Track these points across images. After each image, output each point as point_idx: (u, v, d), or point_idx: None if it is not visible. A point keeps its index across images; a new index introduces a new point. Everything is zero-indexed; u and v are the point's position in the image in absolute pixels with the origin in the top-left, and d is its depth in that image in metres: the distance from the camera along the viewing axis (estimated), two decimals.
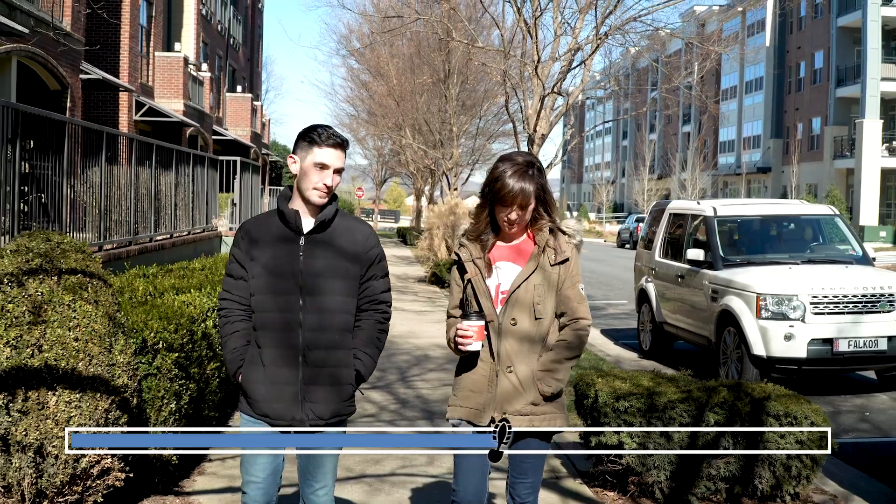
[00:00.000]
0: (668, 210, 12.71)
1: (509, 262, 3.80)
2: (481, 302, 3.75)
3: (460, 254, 3.86)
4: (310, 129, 3.70)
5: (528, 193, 3.68)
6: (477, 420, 3.73)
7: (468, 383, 3.79)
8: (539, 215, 3.79)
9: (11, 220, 7.39)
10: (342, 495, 5.52)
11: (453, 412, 3.82)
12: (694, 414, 5.56)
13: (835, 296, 9.69)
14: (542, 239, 3.78)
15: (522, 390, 3.71)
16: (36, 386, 4.34)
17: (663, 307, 12.17)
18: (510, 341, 3.73)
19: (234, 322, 3.76)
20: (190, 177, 14.44)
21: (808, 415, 5.70)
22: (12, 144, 7.43)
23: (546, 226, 3.79)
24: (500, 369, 3.72)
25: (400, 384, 9.21)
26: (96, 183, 9.49)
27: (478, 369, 3.77)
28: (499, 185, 3.70)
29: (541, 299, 3.73)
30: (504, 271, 3.79)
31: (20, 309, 4.41)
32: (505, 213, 3.72)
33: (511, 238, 3.84)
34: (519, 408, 3.71)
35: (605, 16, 11.91)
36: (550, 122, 12.83)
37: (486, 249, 3.81)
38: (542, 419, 3.72)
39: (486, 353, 3.75)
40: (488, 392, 3.73)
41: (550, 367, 3.74)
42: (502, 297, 3.75)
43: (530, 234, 3.84)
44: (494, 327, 3.73)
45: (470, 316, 3.68)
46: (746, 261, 10.72)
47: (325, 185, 3.63)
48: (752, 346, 9.68)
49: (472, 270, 3.79)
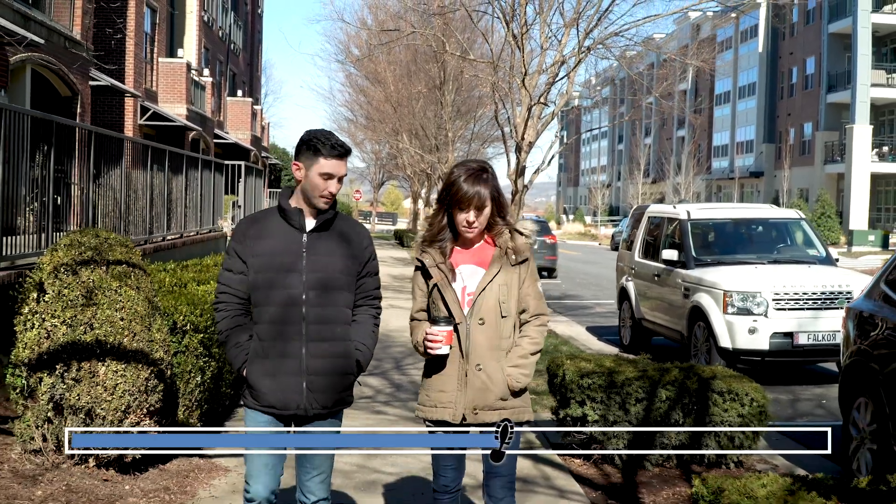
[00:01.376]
0: (646, 214, 13.57)
1: (471, 265, 3.99)
2: (449, 305, 3.93)
3: (423, 259, 4.01)
4: (313, 138, 3.83)
5: (483, 195, 3.87)
6: (451, 418, 3.91)
7: (438, 384, 3.95)
8: (494, 221, 3.98)
9: (48, 220, 8.23)
10: (337, 463, 6.35)
11: (426, 413, 4.00)
12: (648, 390, 6.40)
13: (795, 293, 10.53)
14: (503, 241, 3.97)
15: (492, 387, 3.89)
16: (88, 358, 5.19)
17: (642, 304, 13.01)
18: (478, 340, 3.89)
19: (234, 317, 3.89)
20: (198, 180, 15.31)
21: (749, 391, 6.54)
22: (48, 153, 8.28)
23: (504, 229, 3.99)
24: (469, 368, 3.89)
25: (395, 371, 10.06)
26: (116, 186, 10.35)
27: (447, 370, 3.93)
28: (455, 189, 3.91)
29: (505, 298, 3.93)
30: (467, 274, 3.98)
31: (75, 293, 5.28)
32: (463, 215, 3.91)
33: (469, 243, 4.02)
34: (489, 403, 3.89)
35: (588, 32, 12.76)
36: (537, 130, 13.67)
37: (446, 255, 3.98)
38: (512, 412, 3.90)
39: (454, 354, 3.91)
40: (459, 391, 3.90)
41: (518, 362, 3.94)
42: (469, 299, 3.94)
43: (488, 238, 4.03)
44: (463, 328, 3.90)
45: (439, 321, 3.85)
46: (717, 261, 11.56)
47: (330, 192, 3.84)
48: (720, 339, 10.52)
49: (437, 275, 3.95)
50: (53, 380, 5.22)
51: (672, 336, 12.01)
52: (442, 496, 4.06)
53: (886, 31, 51.00)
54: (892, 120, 52.64)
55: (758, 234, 12.47)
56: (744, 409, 6.48)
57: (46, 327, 5.25)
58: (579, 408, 6.44)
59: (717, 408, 6.44)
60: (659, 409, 6.41)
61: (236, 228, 4.03)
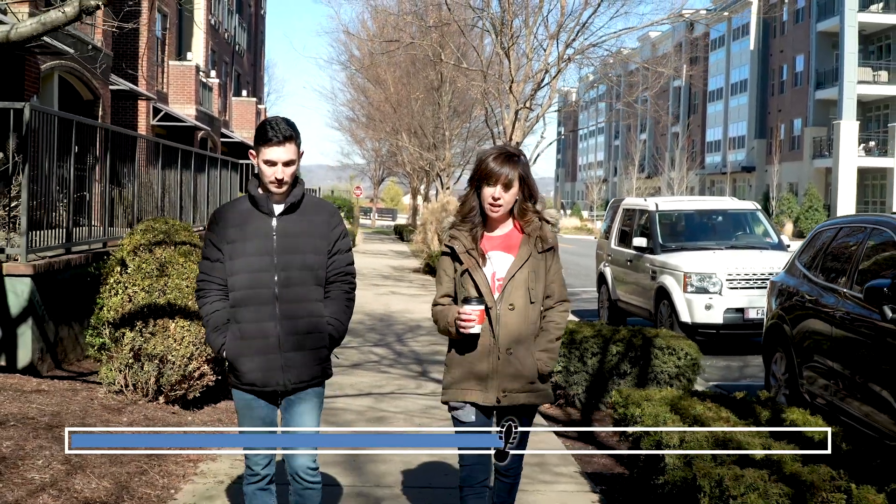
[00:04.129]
0: (621, 206, 15.11)
1: (500, 252, 4.02)
2: (480, 289, 3.95)
3: (453, 245, 4.03)
4: (260, 128, 3.95)
5: (510, 173, 3.94)
6: (482, 401, 3.95)
7: (468, 366, 3.98)
8: (526, 208, 4.04)
9: (105, 216, 9.81)
10: (352, 406, 7.88)
11: (455, 395, 4.00)
12: (601, 345, 7.92)
13: (747, 274, 12.06)
14: (532, 229, 4.01)
15: (523, 370, 3.94)
16: (161, 316, 6.73)
17: (617, 287, 14.54)
18: (509, 325, 3.93)
19: (213, 302, 4.02)
20: (217, 178, 16.85)
21: (684, 347, 8.04)
22: (101, 157, 9.83)
23: (535, 217, 4.03)
24: (500, 352, 3.93)
25: (397, 343, 11.60)
26: (154, 183, 11.89)
27: (479, 352, 3.95)
28: (483, 166, 3.99)
29: (534, 284, 3.98)
30: (497, 260, 4.01)
31: (150, 267, 6.84)
32: (490, 190, 3.96)
33: (496, 227, 4.06)
34: (519, 386, 3.95)
35: (568, 44, 14.27)
36: (524, 132, 15.18)
37: (477, 241, 4.02)
38: (538, 396, 4.03)
39: (485, 337, 3.94)
40: (491, 373, 3.94)
41: (547, 346, 4.02)
42: (498, 284, 3.97)
43: (517, 224, 4.06)
44: (494, 313, 3.94)
45: (470, 301, 3.88)
46: (680, 246, 13.09)
47: (277, 178, 3.91)
48: (681, 314, 12.06)
49: (468, 261, 3.99)
50: (134, 334, 6.76)
51: (643, 314, 13.53)
52: (466, 490, 4.03)
53: (873, 30, 52.34)
54: (878, 116, 53.99)
55: (718, 224, 14.01)
56: (680, 362, 7.98)
57: (129, 293, 6.80)
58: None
59: (657, 360, 7.95)
60: (611, 361, 7.93)
61: (210, 218, 4.19)
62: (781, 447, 4.26)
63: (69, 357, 8.66)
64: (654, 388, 5.67)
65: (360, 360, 10.27)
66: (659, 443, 4.55)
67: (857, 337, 6.95)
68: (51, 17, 5.03)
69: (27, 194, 7.82)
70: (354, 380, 9.04)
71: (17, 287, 7.85)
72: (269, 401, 4.03)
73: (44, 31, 5.11)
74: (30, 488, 4.89)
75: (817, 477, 3.79)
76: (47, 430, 5.85)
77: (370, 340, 11.80)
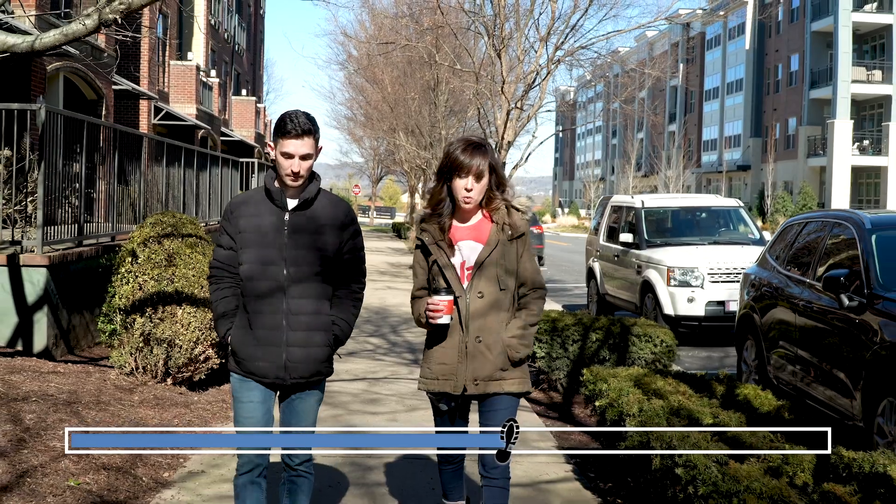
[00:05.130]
0: (609, 203, 15.63)
1: (470, 241, 4.04)
2: (449, 279, 3.99)
3: (423, 238, 4.09)
4: (280, 119, 3.94)
5: (481, 164, 3.96)
6: (452, 389, 4.00)
7: (439, 356, 4.03)
8: (493, 195, 4.04)
9: (112, 211, 10.34)
10: (347, 389, 8.39)
11: (428, 385, 4.08)
12: (582, 333, 8.42)
13: (728, 268, 12.57)
14: (500, 217, 4.01)
15: (492, 358, 3.95)
16: (169, 303, 7.24)
17: (605, 282, 15.05)
18: (478, 313, 3.96)
19: (223, 288, 4.07)
20: (219, 176, 17.38)
21: (660, 335, 8.54)
22: (110, 155, 10.35)
23: (502, 204, 4.04)
24: (469, 340, 3.96)
25: (392, 334, 12.12)
26: (158, 180, 12.41)
27: (448, 342, 4.00)
28: (453, 158, 3.99)
29: (504, 272, 4.00)
30: (466, 249, 4.03)
31: (159, 257, 7.34)
32: (462, 182, 3.97)
33: (467, 218, 4.07)
34: (489, 374, 3.96)
35: (558, 46, 14.77)
36: (515, 131, 15.68)
37: (445, 231, 4.04)
38: (512, 384, 3.99)
39: (455, 326, 3.98)
40: (460, 362, 3.97)
41: (517, 333, 4.02)
42: (468, 274, 4.00)
43: (485, 213, 4.06)
44: (463, 301, 3.97)
45: (440, 291, 3.94)
46: (664, 242, 13.60)
47: (293, 171, 3.91)
48: (664, 307, 12.57)
49: (436, 252, 4.02)
50: (144, 320, 7.28)
51: (629, 307, 14.04)
52: (445, 467, 4.20)
53: (867, 30, 52.79)
54: (872, 115, 54.45)
55: (702, 220, 14.54)
56: (656, 349, 8.48)
57: (139, 282, 7.32)
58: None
59: (634, 347, 8.45)
60: (591, 347, 8.43)
61: (226, 207, 4.21)
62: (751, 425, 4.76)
63: (81, 344, 9.16)
64: (621, 367, 6.21)
65: (355, 349, 10.78)
66: (621, 413, 5.06)
67: (817, 324, 7.46)
68: (72, 28, 5.53)
69: (42, 190, 8.32)
70: (350, 366, 9.55)
71: (34, 277, 8.37)
72: (266, 386, 4.04)
73: (65, 41, 5.59)
74: (52, 454, 5.39)
75: (756, 439, 4.29)
76: (66, 406, 6.36)
77: (366, 331, 12.30)
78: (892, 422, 6.16)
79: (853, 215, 7.73)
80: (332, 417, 7.21)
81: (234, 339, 4.04)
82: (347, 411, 7.53)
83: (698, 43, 74.51)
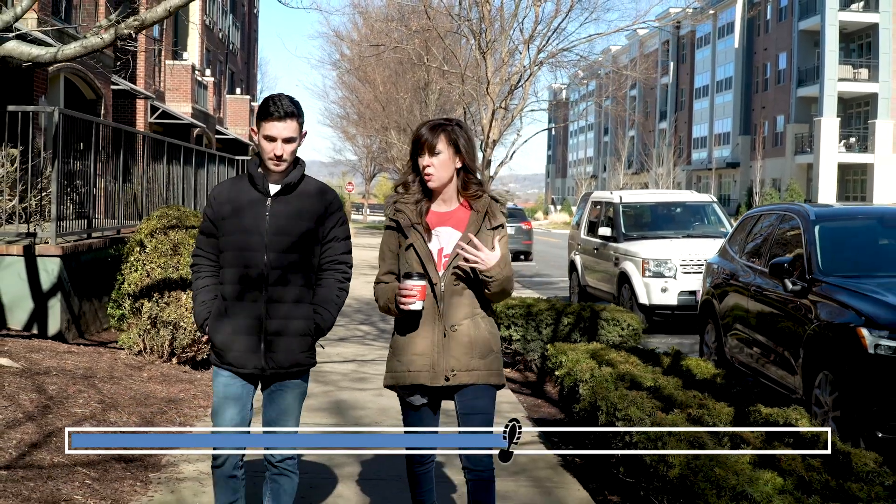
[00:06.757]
0: (590, 199, 16.36)
1: (448, 227, 3.90)
2: (425, 265, 3.84)
3: (398, 219, 3.92)
4: (263, 103, 3.87)
5: (439, 140, 3.82)
6: (429, 382, 3.82)
7: (412, 347, 3.84)
8: (468, 179, 3.91)
9: (119, 207, 11.04)
10: (337, 370, 9.08)
11: (399, 378, 3.87)
12: (555, 317, 9.13)
13: (699, 260, 13.28)
14: (481, 205, 3.90)
15: (470, 346, 3.83)
16: (174, 289, 7.94)
17: (586, 274, 15.78)
18: (454, 301, 3.83)
19: (203, 277, 4.01)
20: (216, 173, 18.08)
21: (627, 319, 9.24)
22: (115, 153, 11.06)
23: (481, 193, 3.92)
24: (446, 329, 3.82)
25: (381, 322, 12.82)
26: (160, 178, 13.11)
27: (422, 332, 3.83)
28: (416, 135, 3.91)
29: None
30: (444, 236, 3.90)
31: (165, 247, 8.04)
32: (421, 160, 3.86)
33: (442, 203, 3.93)
34: (466, 364, 3.82)
35: (540, 49, 15.51)
36: (500, 130, 16.40)
37: (422, 215, 3.89)
38: (488, 375, 3.87)
39: (429, 315, 3.82)
40: (436, 352, 3.81)
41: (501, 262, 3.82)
42: (444, 261, 3.86)
43: (464, 201, 3.94)
44: (438, 289, 3.83)
45: (411, 276, 3.74)
46: (641, 235, 14.33)
47: (276, 154, 3.83)
48: (639, 296, 13.29)
49: (413, 235, 3.87)
50: (151, 304, 7.98)
51: (608, 298, 14.75)
52: (418, 468, 4.03)
53: (853, 29, 53.52)
54: (858, 112, 55.20)
55: (677, 215, 15.28)
56: (623, 332, 9.18)
57: (147, 269, 8.02)
58: (506, 330, 9.18)
59: (603, 330, 9.16)
60: (563, 330, 9.14)
61: (209, 194, 4.12)
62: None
63: (90, 329, 9.86)
64: (581, 344, 6.92)
65: (346, 335, 11.47)
66: (576, 380, 5.77)
67: (767, 308, 8.17)
68: (91, 42, 6.21)
69: (56, 186, 9.02)
70: (340, 350, 10.25)
71: (48, 266, 9.07)
72: (247, 380, 3.94)
73: (84, 52, 6.26)
74: (74, 419, 6.09)
75: (685, 396, 5.00)
76: (83, 379, 7.06)
77: (356, 320, 13.00)
78: (826, 392, 6.87)
79: (800, 208, 8.45)
80: (324, 393, 7.90)
81: (211, 328, 3.95)
82: (337, 388, 8.22)
83: (688, 41, 75.29)
